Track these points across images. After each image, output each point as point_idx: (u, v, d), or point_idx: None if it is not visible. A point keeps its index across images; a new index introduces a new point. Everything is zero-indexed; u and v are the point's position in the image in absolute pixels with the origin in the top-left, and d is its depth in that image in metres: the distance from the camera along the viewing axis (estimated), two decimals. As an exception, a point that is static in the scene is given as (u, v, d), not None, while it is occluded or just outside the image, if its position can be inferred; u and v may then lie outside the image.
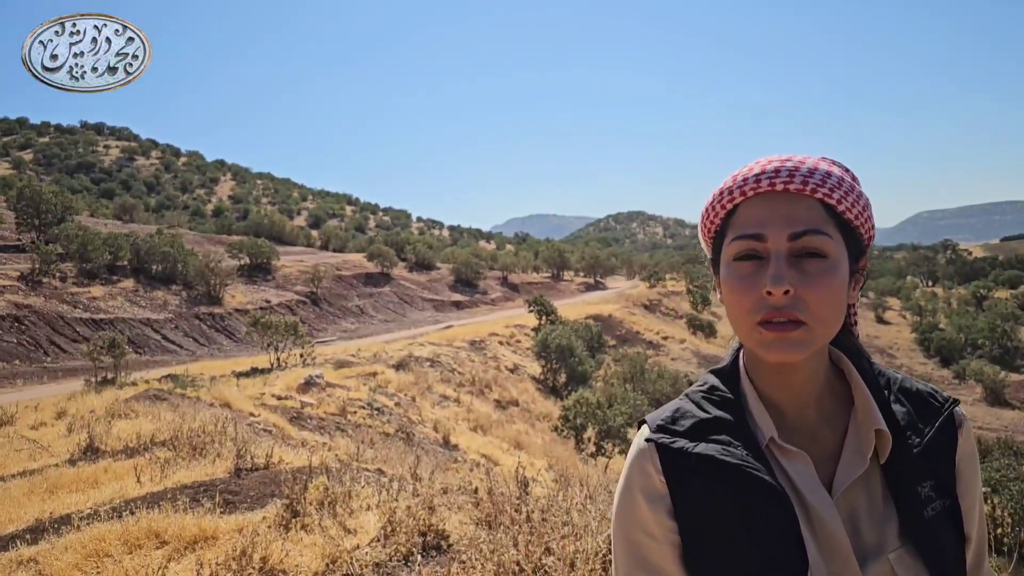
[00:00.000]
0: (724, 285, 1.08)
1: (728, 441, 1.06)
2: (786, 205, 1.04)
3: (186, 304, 33.00)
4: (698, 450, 1.05)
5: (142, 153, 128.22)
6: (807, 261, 1.02)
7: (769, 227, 1.03)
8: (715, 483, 1.04)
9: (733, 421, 1.09)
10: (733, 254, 1.06)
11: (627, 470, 1.12)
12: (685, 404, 1.14)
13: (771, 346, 1.01)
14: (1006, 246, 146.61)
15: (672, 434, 1.09)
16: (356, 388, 17.64)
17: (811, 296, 1.00)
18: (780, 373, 1.10)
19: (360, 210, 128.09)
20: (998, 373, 44.83)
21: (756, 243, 1.04)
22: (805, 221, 1.03)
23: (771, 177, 1.05)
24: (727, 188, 1.09)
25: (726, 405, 1.11)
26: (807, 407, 1.11)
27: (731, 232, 1.08)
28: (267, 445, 7.73)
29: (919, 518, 1.05)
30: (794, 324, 1.00)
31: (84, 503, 6.11)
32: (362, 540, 4.60)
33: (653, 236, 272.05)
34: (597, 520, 3.90)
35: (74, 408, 12.31)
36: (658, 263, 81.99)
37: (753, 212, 1.06)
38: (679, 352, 43.71)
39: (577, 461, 17.11)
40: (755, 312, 1.02)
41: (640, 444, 1.11)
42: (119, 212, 59.47)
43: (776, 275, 0.99)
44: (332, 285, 45.48)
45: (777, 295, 0.99)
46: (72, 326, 25.95)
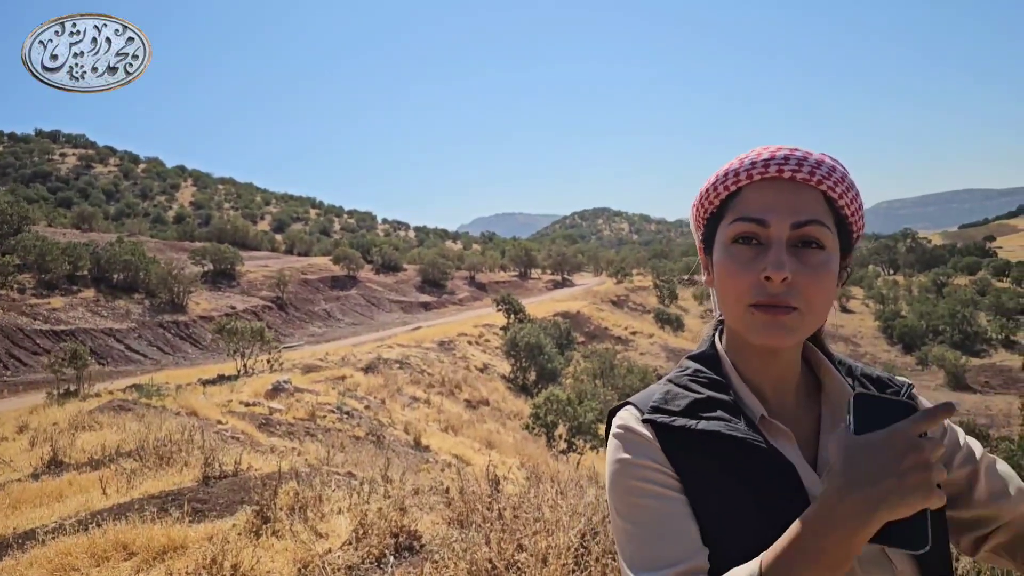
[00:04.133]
0: (719, 266, 1.08)
1: (728, 418, 1.06)
2: (792, 193, 1.05)
3: (149, 313, 32.51)
4: (702, 426, 1.06)
5: (100, 160, 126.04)
6: (805, 251, 1.04)
7: (773, 213, 1.04)
8: (719, 458, 1.04)
9: (726, 400, 1.09)
10: (732, 236, 1.07)
11: (616, 450, 1.09)
12: (672, 387, 1.14)
13: (762, 328, 1.03)
14: (964, 233, 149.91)
15: (669, 413, 1.09)
16: (325, 392, 17.54)
17: (807, 285, 1.02)
18: (764, 358, 1.12)
19: (324, 213, 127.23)
20: (959, 358, 45.84)
21: (758, 228, 1.05)
22: (809, 211, 1.04)
23: (780, 164, 1.06)
24: (732, 170, 1.10)
25: (714, 386, 1.12)
26: (787, 392, 1.14)
27: (731, 214, 1.09)
28: (235, 452, 7.66)
29: None
30: (786, 309, 1.01)
31: (49, 517, 6.01)
32: (334, 544, 4.58)
33: (619, 232, 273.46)
34: (568, 515, 3.92)
35: (36, 422, 12.09)
36: (624, 259, 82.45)
37: (758, 197, 1.07)
38: (648, 347, 44.04)
39: (549, 458, 17.14)
40: (749, 295, 1.03)
41: (628, 425, 1.10)
42: (78, 221, 58.27)
43: (777, 261, 1.01)
44: (298, 289, 45.12)
45: (776, 281, 1.01)
46: (32, 338, 25.45)
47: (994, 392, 43.31)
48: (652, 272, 70.28)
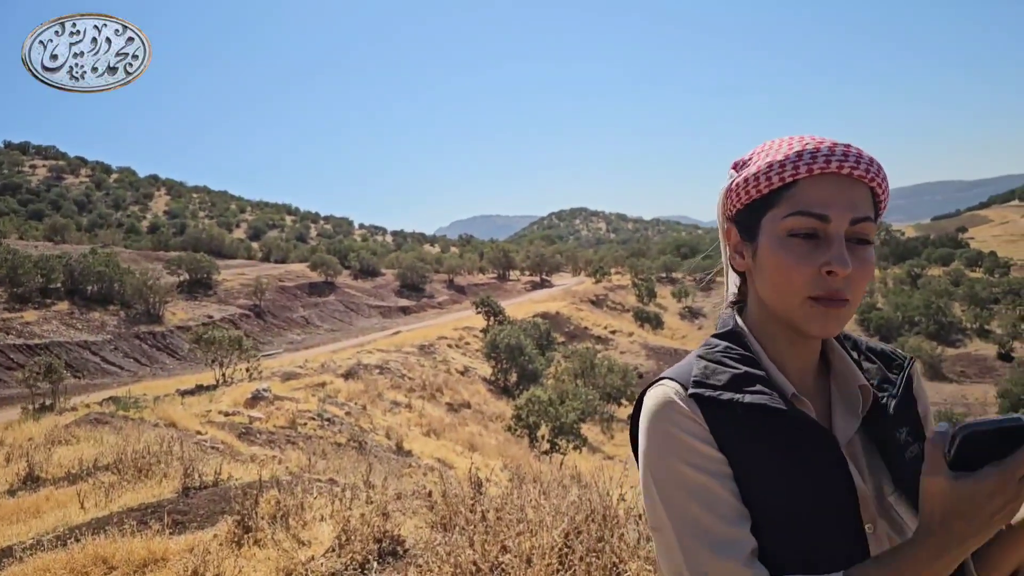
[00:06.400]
0: (774, 258, 1.10)
1: (770, 392, 1.10)
2: (850, 189, 1.08)
3: (125, 324, 32.18)
4: (748, 400, 1.08)
5: (71, 171, 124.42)
6: (857, 246, 1.08)
7: (834, 209, 1.06)
8: (763, 431, 1.08)
9: (762, 375, 1.13)
10: (790, 228, 1.09)
11: (660, 424, 1.11)
12: (708, 363, 1.16)
13: (820, 320, 1.07)
14: (936, 225, 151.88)
15: (713, 388, 1.11)
16: (305, 399, 17.43)
17: (859, 279, 1.07)
18: (796, 342, 1.16)
19: (301, 219, 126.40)
20: (935, 348, 46.43)
21: (819, 223, 1.07)
22: (864, 208, 1.09)
23: (840, 160, 1.07)
24: (789, 160, 1.09)
25: (747, 362, 1.15)
26: (807, 372, 1.19)
27: (786, 206, 1.09)
28: (215, 462, 7.59)
29: (904, 461, 1.14)
30: (842, 302, 1.07)
31: (26, 533, 5.93)
32: (316, 551, 4.55)
33: (596, 232, 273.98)
34: (551, 515, 3.92)
35: (11, 437, 11.90)
36: (602, 258, 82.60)
37: (820, 191, 1.08)
38: (628, 345, 44.23)
39: (532, 459, 17.16)
40: (808, 288, 1.06)
41: (671, 399, 1.12)
42: (50, 233, 57.53)
43: (842, 257, 1.04)
44: (276, 297, 44.88)
45: (841, 276, 1.05)
46: (5, 353, 25.14)
47: (970, 381, 43.98)
48: (630, 271, 70.51)
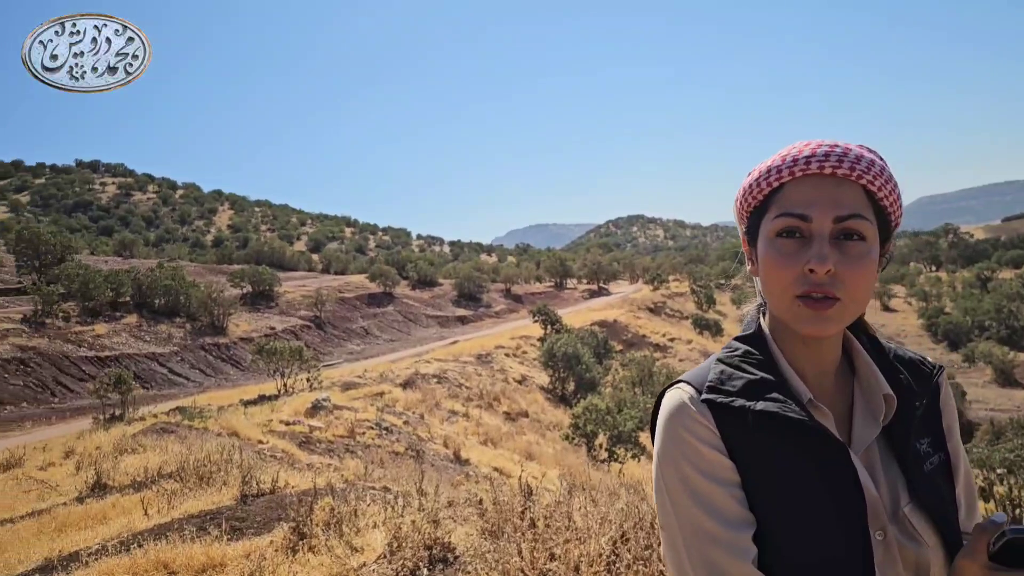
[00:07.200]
0: (764, 259, 1.14)
1: (783, 399, 1.11)
2: (834, 188, 1.11)
3: (191, 336, 33.05)
4: (760, 407, 1.10)
5: (139, 188, 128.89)
6: (847, 243, 1.09)
7: (816, 208, 1.09)
8: (773, 437, 1.10)
9: (777, 382, 1.14)
10: (776, 230, 1.12)
11: (672, 427, 1.14)
12: (725, 367, 1.18)
13: (808, 320, 1.09)
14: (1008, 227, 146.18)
15: (726, 394, 1.13)
16: (364, 409, 17.62)
17: (849, 276, 1.08)
18: (807, 344, 1.17)
19: (360, 231, 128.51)
20: (1007, 354, 44.78)
21: (801, 222, 1.10)
22: (850, 205, 1.10)
23: (821, 161, 1.11)
24: (775, 166, 1.15)
25: (764, 367, 1.17)
26: (826, 375, 1.20)
27: (774, 209, 1.14)
28: (273, 470, 7.73)
29: (922, 472, 1.14)
30: (830, 301, 1.07)
31: (92, 539, 6.12)
32: (368, 557, 4.60)
33: (654, 239, 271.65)
34: (599, 523, 3.89)
35: (82, 447, 12.32)
36: (660, 265, 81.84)
37: (801, 193, 1.12)
38: (687, 353, 43.66)
39: (589, 468, 17.05)
40: (795, 286, 1.09)
41: (684, 403, 1.14)
42: (119, 248, 59.61)
43: (820, 254, 1.07)
44: (335, 308, 45.53)
45: (820, 272, 1.07)
46: (78, 365, 26.00)
47: (1044, 387, 42.25)
48: (689, 277, 69.74)
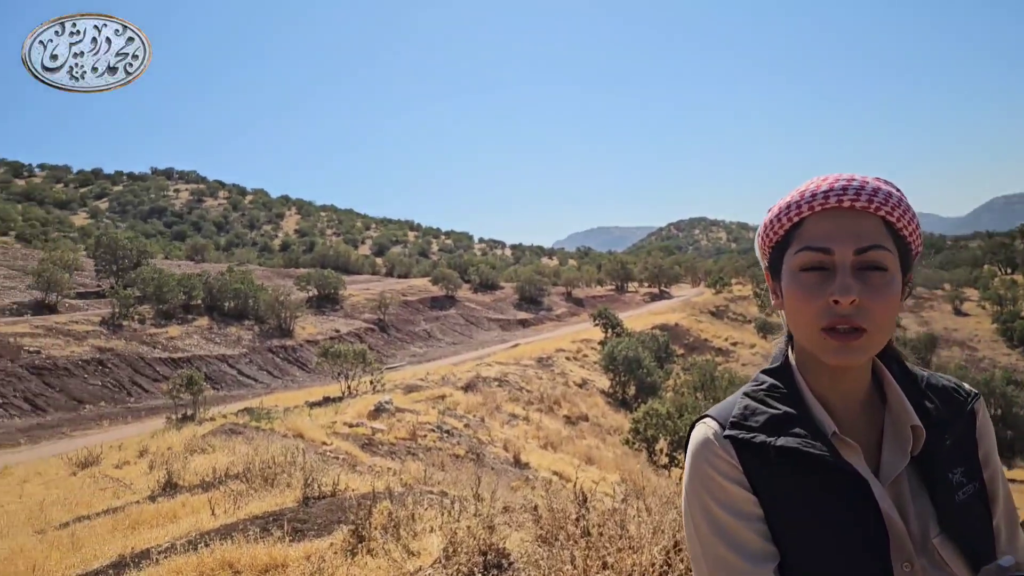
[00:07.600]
0: (788, 293, 1.16)
1: (805, 434, 1.13)
2: (853, 221, 1.13)
3: (259, 338, 33.86)
4: (780, 443, 1.13)
5: (210, 194, 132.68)
6: (870, 274, 1.11)
7: (836, 241, 1.12)
8: (796, 473, 1.12)
9: (801, 416, 1.16)
10: (799, 264, 1.15)
11: (696, 462, 1.18)
12: (750, 402, 1.21)
13: (835, 352, 1.11)
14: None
15: (748, 430, 1.16)
16: (425, 412, 17.78)
17: (873, 305, 1.10)
18: (834, 375, 1.19)
19: (422, 235, 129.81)
20: (1091, 360, 42.77)
21: (823, 256, 1.12)
22: (870, 237, 1.12)
23: (839, 195, 1.13)
24: (794, 202, 1.18)
25: (789, 401, 1.19)
26: (854, 405, 1.20)
27: (796, 243, 1.17)
28: (334, 473, 7.88)
29: (952, 503, 1.14)
30: (857, 332, 1.09)
31: (163, 537, 6.33)
32: (424, 561, 4.67)
33: (716, 241, 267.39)
34: (651, 532, 3.89)
35: (155, 446, 12.73)
36: (723, 268, 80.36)
37: (821, 227, 1.14)
38: (749, 357, 42.92)
39: (650, 473, 16.93)
40: (820, 319, 1.11)
41: (708, 438, 1.18)
42: (191, 253, 61.50)
43: (844, 285, 1.09)
44: (399, 311, 46.07)
45: (844, 304, 1.08)
46: (152, 366, 26.88)
47: None
48: (752, 281, 68.43)
